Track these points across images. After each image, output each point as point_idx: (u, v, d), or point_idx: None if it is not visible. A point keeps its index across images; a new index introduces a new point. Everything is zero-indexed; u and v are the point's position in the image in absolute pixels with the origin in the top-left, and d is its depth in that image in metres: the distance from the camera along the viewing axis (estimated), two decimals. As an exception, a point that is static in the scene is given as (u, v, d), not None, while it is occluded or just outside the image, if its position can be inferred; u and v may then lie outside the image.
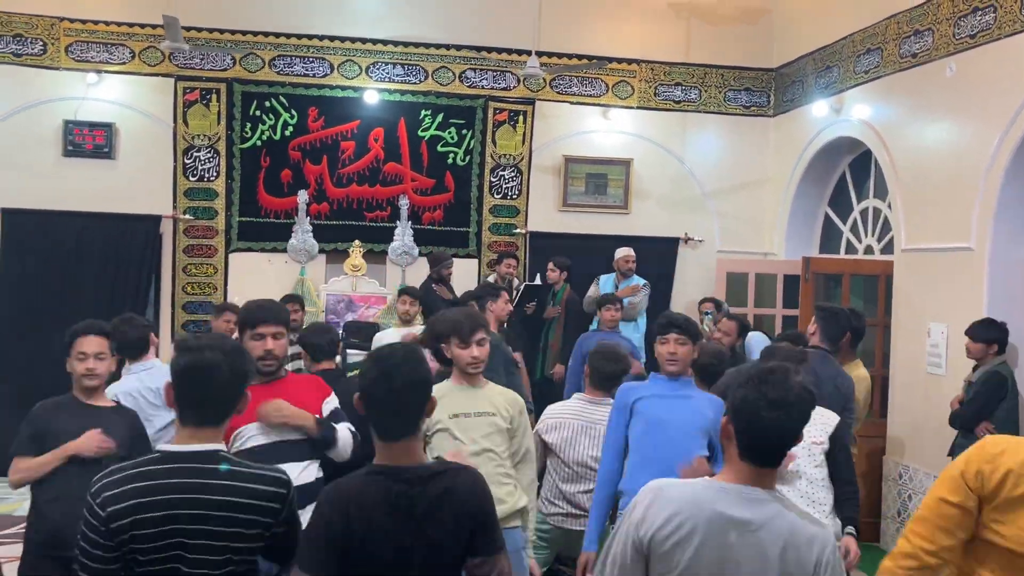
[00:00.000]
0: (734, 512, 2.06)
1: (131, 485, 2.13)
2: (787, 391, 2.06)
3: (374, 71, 8.41)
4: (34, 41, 7.85)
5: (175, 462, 2.17)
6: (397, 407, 2.23)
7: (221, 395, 2.21)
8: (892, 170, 6.77)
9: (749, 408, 2.07)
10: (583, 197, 8.73)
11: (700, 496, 2.10)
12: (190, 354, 2.19)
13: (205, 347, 2.20)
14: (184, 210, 8.15)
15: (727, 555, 2.05)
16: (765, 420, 2.05)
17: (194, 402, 2.20)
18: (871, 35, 7.11)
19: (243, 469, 2.23)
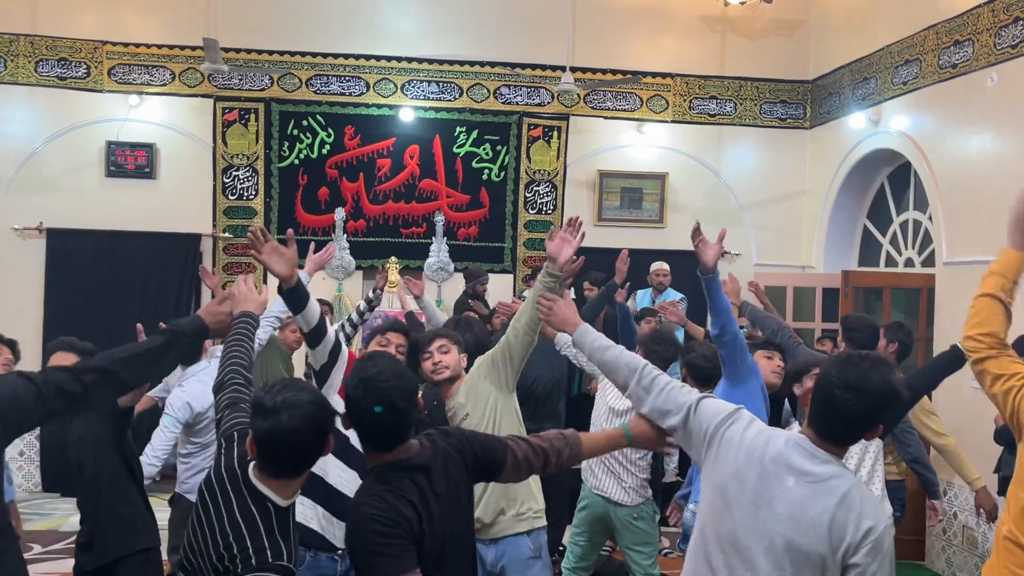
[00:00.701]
0: (797, 461, 2.16)
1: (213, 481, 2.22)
2: (865, 378, 2.12)
3: (409, 89, 8.49)
4: (78, 65, 8.02)
5: (244, 484, 2.18)
6: (389, 426, 2.27)
7: (297, 457, 2.18)
8: (932, 182, 6.69)
9: (825, 385, 2.17)
10: (618, 211, 8.72)
11: (772, 436, 2.24)
12: (266, 419, 2.11)
13: (282, 410, 2.10)
14: (224, 228, 8.27)
15: (778, 494, 2.14)
16: (837, 399, 2.13)
17: (271, 461, 2.16)
18: (909, 46, 7.04)
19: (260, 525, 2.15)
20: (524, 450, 2.48)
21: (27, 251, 7.89)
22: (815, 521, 2.09)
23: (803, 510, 2.10)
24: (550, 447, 2.51)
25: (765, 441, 2.21)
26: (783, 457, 2.16)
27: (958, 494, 6.18)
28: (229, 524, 2.13)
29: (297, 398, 2.12)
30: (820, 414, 2.18)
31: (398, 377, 2.27)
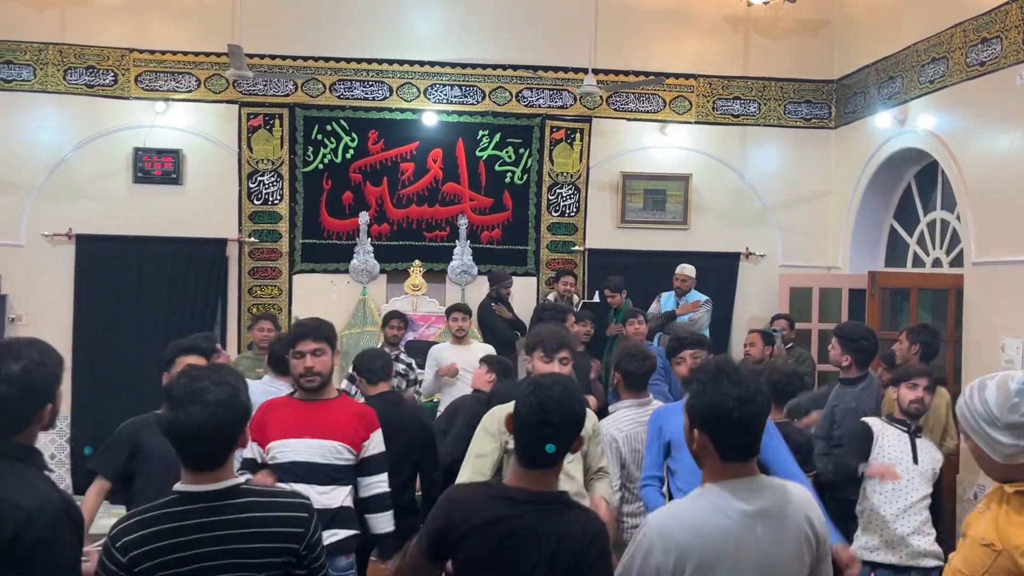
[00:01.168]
0: (745, 506, 2.07)
1: (152, 528, 2.09)
2: (745, 384, 2.07)
3: (432, 93, 8.51)
4: (105, 72, 8.11)
5: (195, 502, 2.13)
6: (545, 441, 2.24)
7: (213, 449, 2.14)
8: (960, 181, 6.62)
9: (718, 409, 2.06)
10: (641, 213, 8.69)
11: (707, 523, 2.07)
12: (175, 412, 2.10)
13: (189, 402, 2.09)
14: (249, 233, 8.33)
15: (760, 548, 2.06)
16: (736, 420, 2.05)
17: (189, 455, 2.14)
18: (936, 44, 6.97)
19: (264, 499, 2.21)
20: None
21: (57, 257, 7.99)
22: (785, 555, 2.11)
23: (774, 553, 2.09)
24: None
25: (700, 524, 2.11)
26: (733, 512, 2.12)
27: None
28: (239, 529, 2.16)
29: (205, 393, 2.11)
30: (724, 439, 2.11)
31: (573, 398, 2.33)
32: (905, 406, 3.99)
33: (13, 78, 7.98)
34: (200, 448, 2.13)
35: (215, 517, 2.12)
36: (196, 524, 2.11)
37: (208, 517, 2.12)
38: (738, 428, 2.07)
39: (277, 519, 2.17)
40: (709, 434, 2.09)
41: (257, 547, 2.14)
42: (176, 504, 2.13)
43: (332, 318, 4.65)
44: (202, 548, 2.10)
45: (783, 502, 2.11)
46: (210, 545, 2.11)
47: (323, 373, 3.49)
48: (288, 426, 3.47)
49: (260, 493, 2.24)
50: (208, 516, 2.12)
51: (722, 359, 2.16)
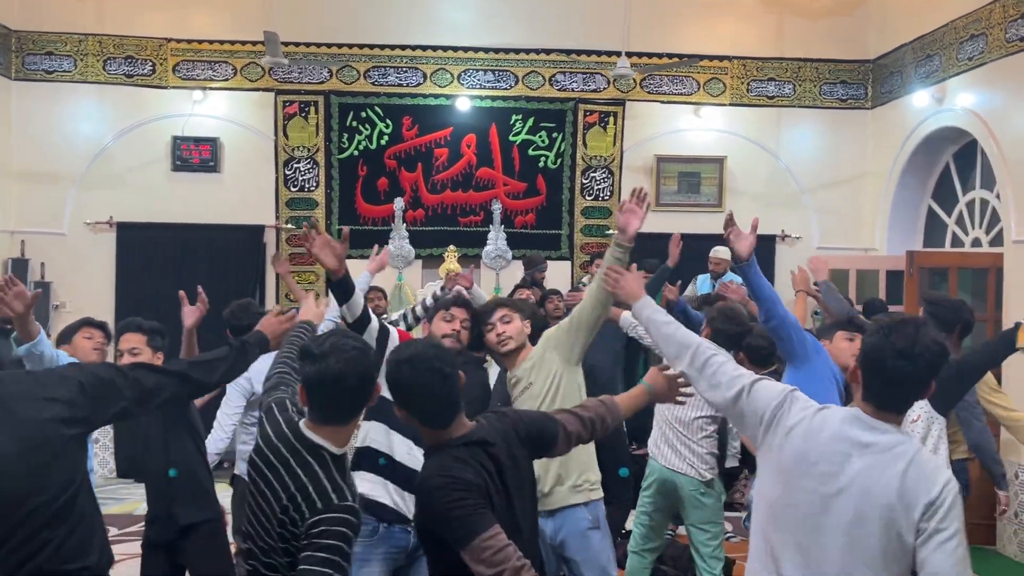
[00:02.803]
0: (857, 435, 2.14)
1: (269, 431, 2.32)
2: (915, 342, 2.10)
3: (465, 78, 8.54)
4: (144, 62, 8.23)
5: (296, 439, 2.27)
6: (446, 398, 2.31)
7: (346, 401, 2.27)
8: (1000, 159, 6.53)
9: (876, 356, 2.14)
10: (676, 196, 8.67)
11: (828, 415, 2.21)
12: (314, 363, 2.23)
13: (329, 354, 2.22)
14: (286, 220, 8.42)
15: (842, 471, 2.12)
16: (889, 368, 2.11)
17: (321, 405, 2.27)
18: (974, 20, 6.87)
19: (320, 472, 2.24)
20: (573, 423, 2.57)
21: (99, 245, 8.15)
22: (885, 490, 2.07)
23: (872, 481, 2.09)
24: (595, 415, 2.62)
25: (822, 421, 2.20)
26: (842, 434, 2.15)
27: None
28: (289, 477, 2.22)
29: (343, 343, 2.26)
30: (875, 385, 2.16)
31: (435, 347, 2.37)
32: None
33: (54, 69, 8.13)
34: (337, 398, 2.25)
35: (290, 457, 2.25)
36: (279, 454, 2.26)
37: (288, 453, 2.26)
38: (888, 378, 2.13)
39: (305, 490, 2.20)
40: (863, 372, 2.19)
41: (284, 503, 2.22)
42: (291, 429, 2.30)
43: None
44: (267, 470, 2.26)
45: (900, 454, 2.11)
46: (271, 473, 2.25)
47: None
48: None
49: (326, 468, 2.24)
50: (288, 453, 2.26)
51: (919, 317, 2.24)
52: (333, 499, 2.18)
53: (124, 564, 5.43)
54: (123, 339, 3.71)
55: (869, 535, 2.09)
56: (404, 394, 2.31)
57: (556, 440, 2.52)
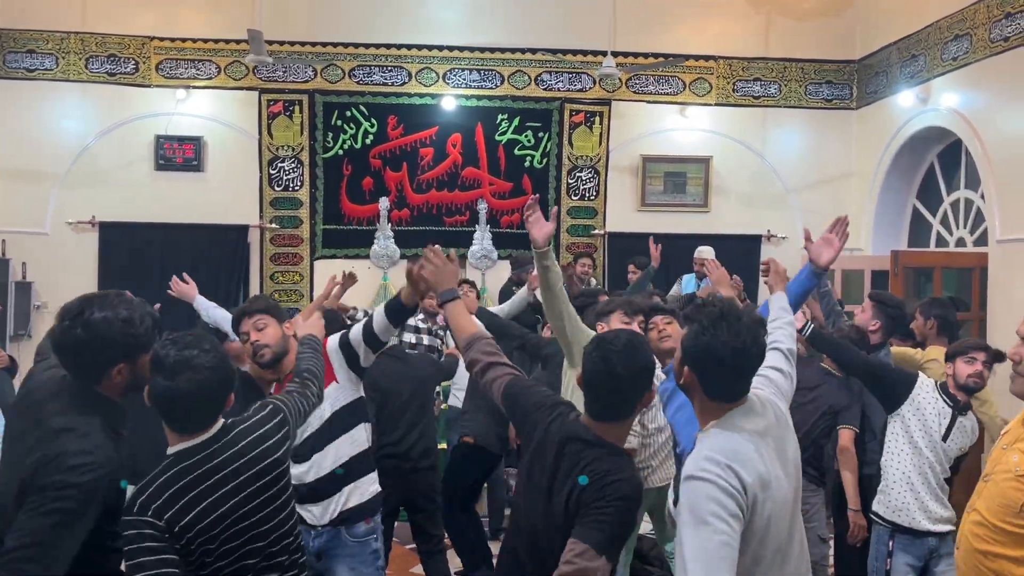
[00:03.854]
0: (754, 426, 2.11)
1: (173, 488, 2.12)
2: (743, 335, 2.07)
3: (451, 78, 8.51)
4: (127, 60, 8.17)
5: (195, 454, 2.16)
6: (616, 392, 2.26)
7: (206, 413, 2.19)
8: (985, 159, 6.55)
9: (710, 358, 2.08)
10: (662, 196, 8.66)
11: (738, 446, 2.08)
12: (163, 380, 2.10)
13: (177, 371, 2.09)
14: (270, 219, 8.37)
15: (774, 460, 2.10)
16: (729, 367, 2.07)
17: (178, 420, 2.17)
18: (959, 21, 6.89)
19: (246, 423, 2.29)
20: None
21: (81, 244, 8.07)
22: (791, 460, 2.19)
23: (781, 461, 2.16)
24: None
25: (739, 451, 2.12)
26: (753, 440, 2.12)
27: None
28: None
29: (197, 360, 2.12)
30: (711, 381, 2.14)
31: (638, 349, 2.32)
32: (963, 380, 3.85)
33: (36, 67, 8.06)
34: (193, 413, 2.16)
35: (218, 458, 2.18)
36: (206, 471, 2.15)
37: (213, 460, 2.18)
38: (729, 375, 2.09)
39: (265, 434, 2.27)
40: (697, 374, 2.12)
41: (261, 468, 2.23)
42: (178, 463, 2.15)
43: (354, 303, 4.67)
44: (221, 489, 2.16)
45: (773, 415, 2.17)
46: (226, 484, 2.17)
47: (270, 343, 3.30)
48: None
49: (241, 421, 2.29)
50: (212, 460, 2.18)
51: (727, 304, 2.13)
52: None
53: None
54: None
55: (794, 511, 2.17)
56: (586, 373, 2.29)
57: None
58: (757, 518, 1.99)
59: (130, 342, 2.20)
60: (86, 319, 2.16)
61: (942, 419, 3.80)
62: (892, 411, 3.89)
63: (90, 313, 2.17)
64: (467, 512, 5.20)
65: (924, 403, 3.83)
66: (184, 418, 2.16)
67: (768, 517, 2.01)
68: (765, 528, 2.01)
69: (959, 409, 3.82)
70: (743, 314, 2.11)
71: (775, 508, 2.02)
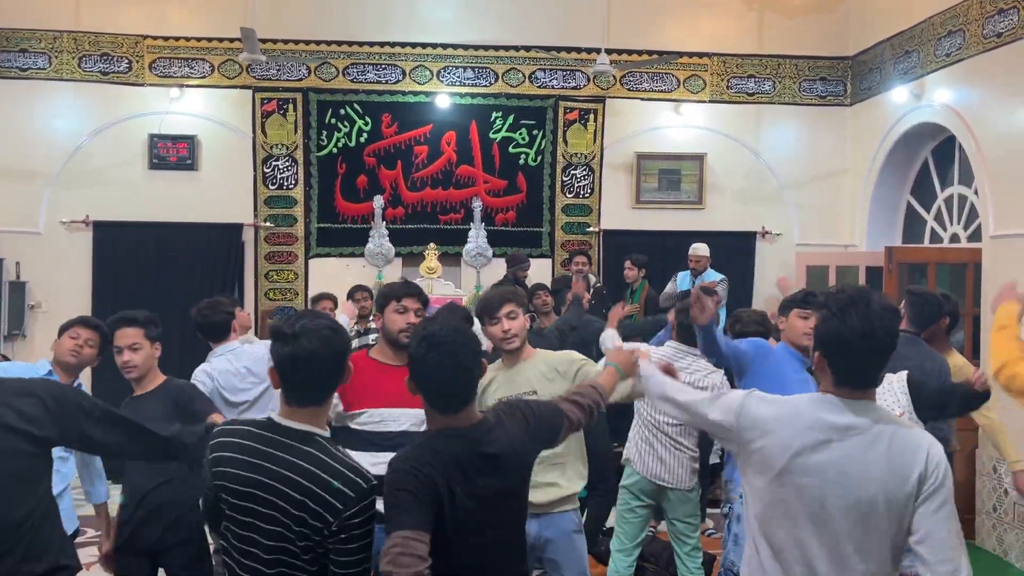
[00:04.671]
0: (833, 420, 2.12)
1: (232, 439, 2.25)
2: (869, 320, 2.08)
3: (445, 75, 8.50)
4: (120, 59, 8.15)
5: (274, 432, 2.22)
6: (457, 387, 2.30)
7: (320, 380, 2.25)
8: (978, 155, 6.56)
9: (836, 341, 2.12)
10: (656, 194, 8.67)
11: (798, 405, 2.18)
12: (287, 344, 2.20)
13: (300, 335, 2.19)
14: (265, 218, 8.36)
15: (827, 459, 2.10)
16: (855, 351, 2.10)
17: (295, 386, 2.24)
18: (952, 16, 6.90)
19: (327, 458, 2.19)
20: (575, 411, 2.63)
21: (75, 244, 8.06)
22: (874, 469, 2.07)
23: (858, 464, 2.08)
24: (591, 401, 2.71)
25: (794, 411, 2.18)
26: (819, 421, 2.13)
27: (1008, 471, 6.06)
28: (294, 472, 2.16)
29: (314, 323, 2.23)
30: (843, 369, 2.14)
31: (461, 334, 2.32)
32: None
33: (28, 66, 8.04)
34: (311, 377, 2.22)
35: (280, 452, 2.19)
36: (263, 451, 2.19)
37: (274, 449, 2.20)
38: (856, 360, 2.12)
39: (325, 483, 2.14)
40: (828, 359, 2.16)
41: (299, 499, 2.15)
42: (262, 428, 2.25)
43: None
44: (259, 476, 2.17)
45: (880, 432, 2.11)
46: (265, 476, 2.17)
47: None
48: (382, 393, 3.22)
49: (329, 453, 2.21)
50: (275, 448, 2.20)
51: (860, 290, 2.16)
52: (360, 483, 2.16)
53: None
54: (118, 335, 3.59)
55: (866, 517, 2.08)
56: (417, 371, 2.30)
57: (561, 430, 2.58)
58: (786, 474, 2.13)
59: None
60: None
61: None
62: None
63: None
64: None
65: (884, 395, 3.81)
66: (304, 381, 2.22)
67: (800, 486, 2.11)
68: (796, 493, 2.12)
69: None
70: (873, 300, 2.12)
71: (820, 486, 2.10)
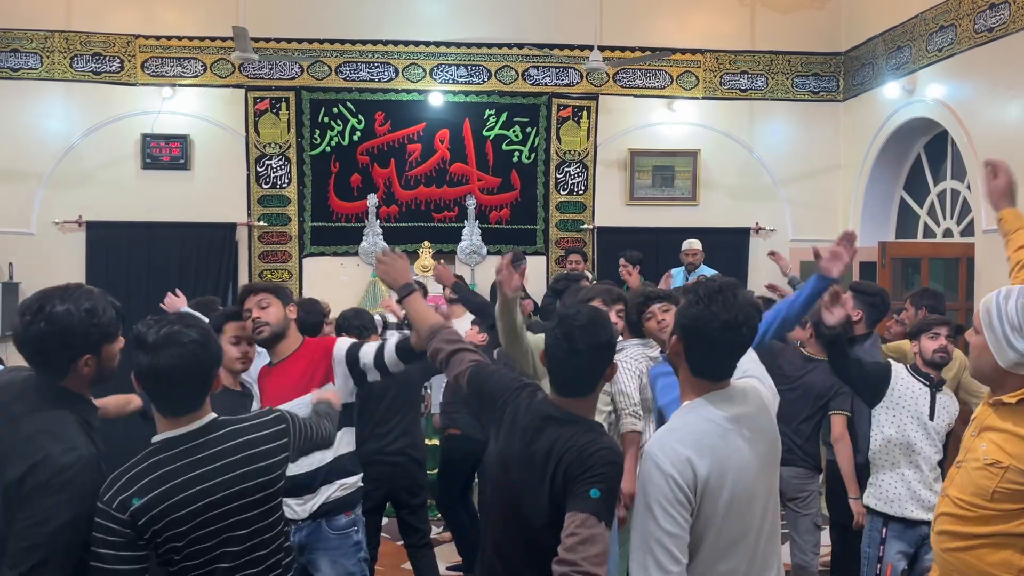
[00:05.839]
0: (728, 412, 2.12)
1: (146, 479, 2.09)
2: (735, 310, 2.07)
3: (438, 73, 8.49)
4: (112, 59, 8.12)
5: (177, 445, 2.14)
6: (577, 368, 2.27)
7: (193, 390, 2.16)
8: (970, 149, 6.58)
9: (699, 328, 2.09)
10: (650, 190, 8.67)
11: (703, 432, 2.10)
12: (148, 356, 2.09)
13: (161, 346, 2.09)
14: (258, 217, 8.35)
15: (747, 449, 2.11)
16: (717, 342, 2.08)
17: (164, 398, 2.15)
18: (944, 11, 6.91)
19: (241, 424, 2.23)
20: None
21: (68, 244, 8.03)
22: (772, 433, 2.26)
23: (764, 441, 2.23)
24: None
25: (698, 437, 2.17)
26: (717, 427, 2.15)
27: (1002, 465, 6.09)
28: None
29: (180, 335, 2.11)
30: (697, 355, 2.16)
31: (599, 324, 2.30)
32: (929, 356, 3.89)
33: (20, 66, 8.01)
34: (180, 390, 2.14)
35: (201, 454, 2.13)
36: (185, 464, 2.12)
37: (194, 455, 2.13)
38: (715, 350, 2.11)
39: (259, 439, 2.19)
40: (684, 346, 2.14)
41: (247, 471, 2.14)
42: (158, 453, 2.13)
43: (343, 301, 4.61)
44: (197, 486, 2.11)
45: (754, 404, 2.19)
46: (204, 482, 2.11)
47: (273, 322, 3.33)
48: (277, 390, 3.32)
49: (236, 421, 2.23)
50: (194, 454, 2.13)
51: (728, 281, 2.15)
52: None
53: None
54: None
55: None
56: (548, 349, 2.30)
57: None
58: (709, 504, 2.03)
59: (93, 332, 2.17)
60: (47, 312, 2.13)
61: (923, 399, 3.86)
62: (874, 405, 3.93)
63: (51, 307, 2.13)
64: (464, 506, 5.21)
65: (904, 389, 3.88)
66: (169, 395, 2.13)
67: (727, 504, 2.05)
68: (724, 514, 2.05)
69: (935, 386, 3.90)
70: (740, 292, 2.11)
71: (736, 495, 2.06)
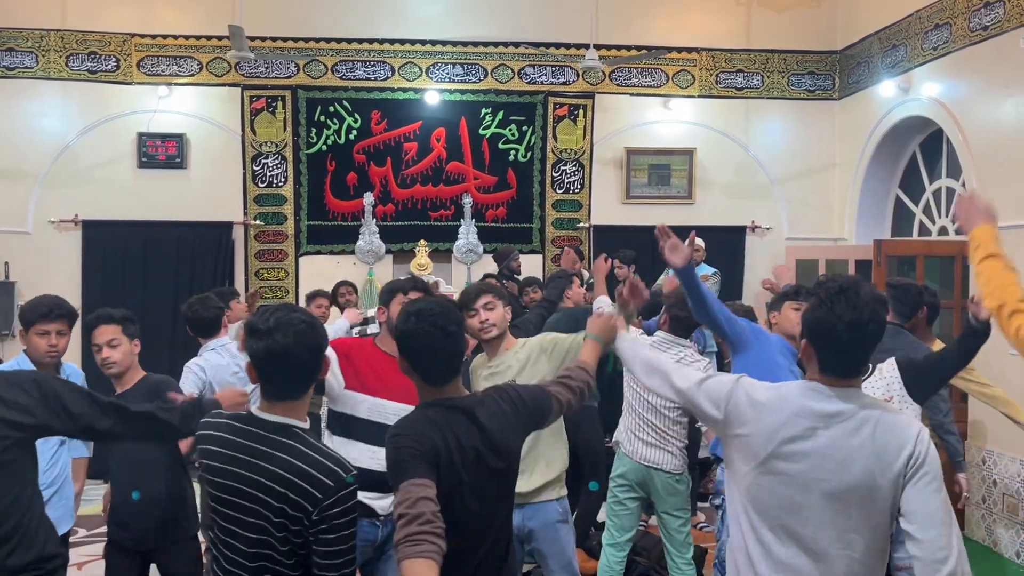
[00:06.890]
0: (819, 407, 2.13)
1: (214, 432, 2.28)
2: (859, 309, 2.08)
3: (434, 72, 8.50)
4: (107, 58, 8.12)
5: (253, 425, 2.24)
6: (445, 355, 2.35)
7: (296, 375, 2.25)
8: (966, 148, 6.59)
9: (823, 329, 2.12)
10: (646, 189, 8.69)
11: (785, 392, 2.19)
12: (261, 339, 2.20)
13: (275, 330, 2.19)
14: (254, 216, 8.34)
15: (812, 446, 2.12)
16: (842, 341, 2.10)
17: (272, 381, 2.25)
18: (939, 10, 6.93)
19: (306, 449, 2.20)
20: (564, 393, 2.64)
21: (64, 243, 8.03)
22: (859, 456, 2.09)
23: (842, 450, 2.10)
24: (581, 382, 2.71)
25: (781, 399, 2.18)
26: (805, 408, 2.14)
27: (997, 461, 6.11)
28: (273, 464, 2.17)
29: (288, 318, 2.22)
30: (829, 357, 2.15)
31: (443, 305, 2.42)
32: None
33: (15, 65, 8.00)
34: (287, 372, 2.23)
35: (259, 445, 2.21)
36: (243, 445, 2.22)
37: (253, 442, 2.21)
38: (842, 349, 2.12)
39: (304, 473, 2.15)
40: (814, 347, 2.16)
41: (278, 491, 2.15)
42: (242, 421, 2.28)
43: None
44: (238, 468, 2.19)
45: (865, 418, 2.12)
46: (244, 469, 2.19)
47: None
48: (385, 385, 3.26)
49: (307, 444, 2.22)
50: (253, 441, 2.22)
51: (852, 279, 2.16)
52: (340, 472, 2.16)
53: (94, 564, 5.38)
54: (97, 332, 3.57)
55: (852, 504, 2.10)
56: (407, 344, 2.35)
57: (550, 412, 2.59)
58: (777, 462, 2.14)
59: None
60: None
61: None
62: None
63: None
64: None
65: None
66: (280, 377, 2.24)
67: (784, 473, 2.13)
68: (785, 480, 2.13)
69: None
70: (863, 289, 2.12)
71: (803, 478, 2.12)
